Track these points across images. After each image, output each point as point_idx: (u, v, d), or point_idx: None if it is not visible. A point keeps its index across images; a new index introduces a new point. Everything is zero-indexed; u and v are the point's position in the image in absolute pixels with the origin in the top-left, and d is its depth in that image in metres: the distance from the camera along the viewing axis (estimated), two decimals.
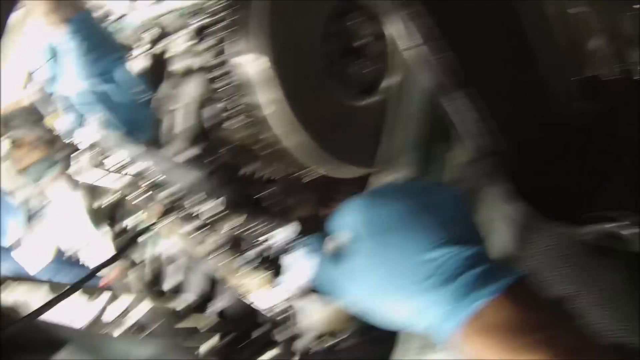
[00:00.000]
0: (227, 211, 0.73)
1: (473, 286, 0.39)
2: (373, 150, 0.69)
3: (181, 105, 0.77)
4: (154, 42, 0.97)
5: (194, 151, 0.74)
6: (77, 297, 1.14)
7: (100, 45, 0.89)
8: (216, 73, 0.65)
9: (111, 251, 1.09)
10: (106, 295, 1.16)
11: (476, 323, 0.38)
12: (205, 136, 0.74)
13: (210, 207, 0.75)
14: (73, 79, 0.90)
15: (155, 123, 0.86)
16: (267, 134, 0.64)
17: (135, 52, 1.00)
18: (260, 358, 0.82)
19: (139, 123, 0.88)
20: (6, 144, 1.17)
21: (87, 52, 0.87)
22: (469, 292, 0.39)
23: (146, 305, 1.01)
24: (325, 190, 0.76)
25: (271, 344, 0.80)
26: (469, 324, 0.39)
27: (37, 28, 1.15)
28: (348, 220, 0.45)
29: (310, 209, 0.77)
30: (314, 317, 0.73)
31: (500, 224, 0.63)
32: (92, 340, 0.79)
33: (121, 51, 0.92)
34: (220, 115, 0.72)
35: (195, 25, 0.82)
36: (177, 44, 0.90)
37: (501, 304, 0.39)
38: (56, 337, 0.70)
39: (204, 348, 0.89)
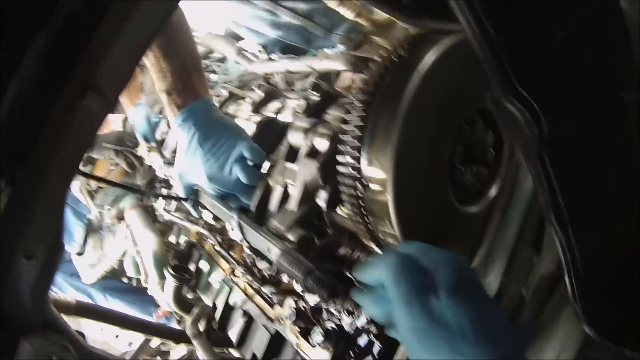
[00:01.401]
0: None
1: None
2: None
3: (297, 184, 0.76)
4: (265, 100, 0.96)
5: (301, 232, 0.73)
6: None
7: (211, 135, 0.85)
8: (337, 165, 0.64)
9: (169, 295, 1.07)
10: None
11: None
12: (317, 215, 0.73)
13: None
14: (184, 160, 0.88)
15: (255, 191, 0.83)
16: (373, 230, 0.64)
17: (244, 108, 0.99)
18: None
19: (239, 191, 0.85)
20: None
21: (199, 142, 0.85)
22: None
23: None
24: None
25: None
26: None
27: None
28: None
29: None
30: None
31: (571, 343, 0.66)
32: None
33: (237, 135, 0.87)
34: (333, 201, 0.71)
35: (314, 100, 0.80)
36: (289, 110, 0.88)
37: None
38: None
39: None
